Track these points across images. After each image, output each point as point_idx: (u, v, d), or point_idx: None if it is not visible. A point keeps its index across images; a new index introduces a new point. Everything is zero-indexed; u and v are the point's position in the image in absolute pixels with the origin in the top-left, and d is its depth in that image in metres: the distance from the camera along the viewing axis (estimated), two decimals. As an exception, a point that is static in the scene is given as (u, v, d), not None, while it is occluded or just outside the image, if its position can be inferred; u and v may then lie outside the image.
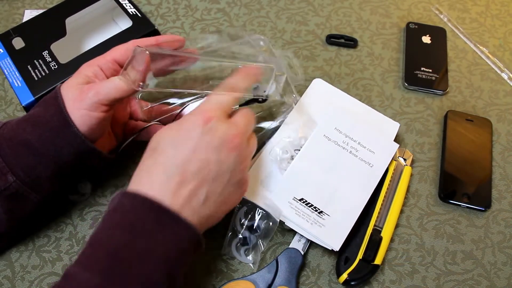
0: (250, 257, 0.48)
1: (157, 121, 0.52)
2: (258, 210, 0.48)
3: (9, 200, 0.44)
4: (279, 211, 0.47)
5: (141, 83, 0.42)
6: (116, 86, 0.43)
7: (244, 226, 0.48)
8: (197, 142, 0.40)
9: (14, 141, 0.43)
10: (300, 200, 0.48)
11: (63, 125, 0.43)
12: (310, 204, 0.48)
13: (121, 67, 0.46)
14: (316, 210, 0.48)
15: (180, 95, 0.52)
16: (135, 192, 0.38)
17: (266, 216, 0.48)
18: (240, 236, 0.48)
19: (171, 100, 0.53)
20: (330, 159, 0.50)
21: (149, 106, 0.53)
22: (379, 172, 0.51)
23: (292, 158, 0.51)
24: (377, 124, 0.55)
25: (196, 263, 0.48)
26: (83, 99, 0.43)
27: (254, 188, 0.49)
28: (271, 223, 0.48)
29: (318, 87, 0.57)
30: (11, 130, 0.44)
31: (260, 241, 0.48)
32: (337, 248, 0.47)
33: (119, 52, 0.46)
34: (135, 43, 0.46)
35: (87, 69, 0.45)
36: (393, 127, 0.55)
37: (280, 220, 0.47)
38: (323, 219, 0.47)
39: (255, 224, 0.48)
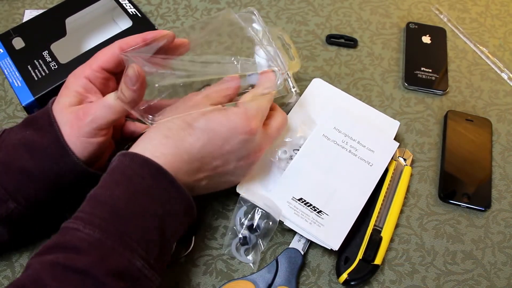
0: (250, 257, 0.48)
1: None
2: (257, 210, 0.48)
3: (11, 224, 0.43)
4: (278, 210, 0.47)
5: (149, 118, 0.42)
6: (112, 109, 0.41)
7: (244, 226, 0.48)
8: (232, 147, 0.43)
9: (12, 168, 0.42)
10: (299, 199, 0.48)
11: (61, 154, 0.42)
12: (309, 204, 0.48)
13: (109, 73, 0.45)
14: (315, 210, 0.48)
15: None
16: (134, 153, 0.40)
17: (266, 215, 0.48)
18: (240, 235, 0.48)
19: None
20: (329, 159, 0.50)
21: (146, 105, 0.52)
22: (378, 171, 0.51)
23: (291, 158, 0.51)
24: (377, 123, 0.55)
25: (196, 262, 0.48)
26: (80, 127, 0.41)
27: (253, 188, 0.49)
28: (271, 223, 0.48)
29: (317, 87, 0.56)
30: (8, 155, 0.42)
31: (260, 241, 0.48)
32: (336, 247, 0.47)
33: (105, 58, 0.44)
34: (121, 43, 0.44)
35: (76, 83, 0.44)
36: (393, 125, 0.55)
37: (279, 219, 0.48)
38: (322, 218, 0.47)
39: (255, 224, 0.48)
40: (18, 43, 0.59)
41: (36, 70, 0.57)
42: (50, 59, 0.57)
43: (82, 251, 0.35)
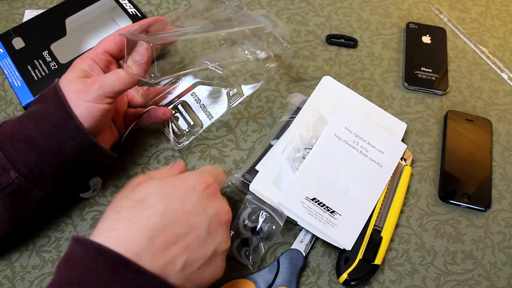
0: (250, 259, 0.48)
1: (153, 101, 0.54)
2: (262, 213, 0.48)
3: (12, 197, 0.43)
4: (284, 215, 0.48)
5: (152, 75, 0.45)
6: (120, 78, 0.44)
7: (247, 228, 0.48)
8: (194, 205, 0.38)
9: (16, 138, 0.43)
10: (312, 199, 0.48)
11: (65, 119, 0.43)
12: (322, 204, 0.48)
13: (112, 57, 0.48)
14: (328, 210, 0.48)
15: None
16: (89, 241, 0.35)
17: (270, 219, 0.48)
18: (242, 237, 0.48)
19: (167, 81, 0.56)
20: (341, 159, 0.50)
21: (146, 87, 0.55)
22: (388, 172, 0.51)
23: (303, 157, 0.51)
24: (384, 123, 0.55)
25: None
26: (88, 92, 0.44)
27: (266, 186, 0.49)
28: (274, 227, 0.48)
29: (327, 84, 0.56)
30: (12, 127, 0.44)
31: (261, 244, 0.48)
32: (349, 247, 0.47)
33: (108, 43, 0.47)
34: (119, 31, 0.47)
35: (82, 63, 0.46)
36: (401, 127, 0.55)
37: (292, 219, 0.48)
38: (335, 218, 0.48)
39: (258, 226, 0.48)
40: (18, 43, 0.59)
41: (36, 70, 0.57)
42: (50, 59, 0.58)
43: None
